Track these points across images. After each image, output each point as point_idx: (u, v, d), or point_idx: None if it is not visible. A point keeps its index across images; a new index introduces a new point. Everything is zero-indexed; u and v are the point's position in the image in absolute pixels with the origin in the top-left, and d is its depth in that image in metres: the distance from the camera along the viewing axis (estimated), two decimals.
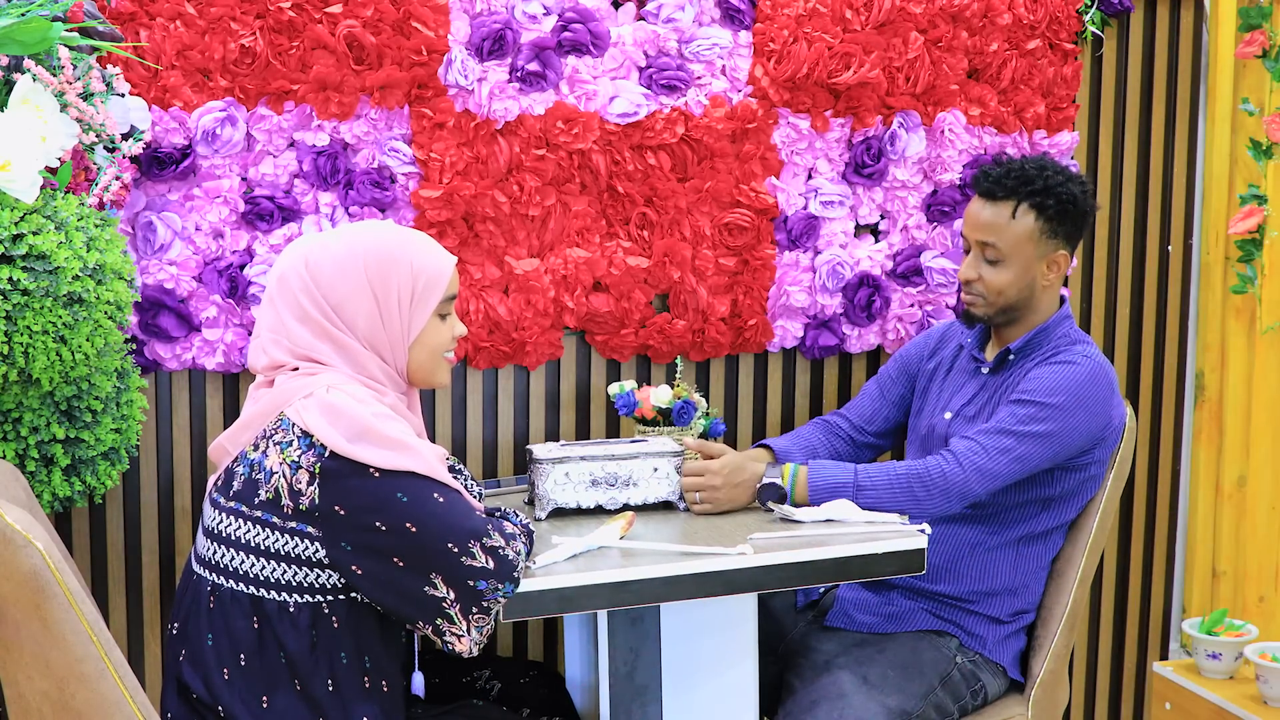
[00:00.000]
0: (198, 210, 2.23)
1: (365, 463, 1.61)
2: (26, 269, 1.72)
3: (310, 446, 1.63)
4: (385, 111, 2.28)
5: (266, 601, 1.65)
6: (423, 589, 1.64)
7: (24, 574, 1.42)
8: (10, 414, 1.89)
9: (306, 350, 1.71)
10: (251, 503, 1.65)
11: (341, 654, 1.67)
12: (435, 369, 1.81)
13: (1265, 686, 2.59)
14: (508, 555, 1.67)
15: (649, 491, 2.08)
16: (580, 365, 2.52)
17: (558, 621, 2.50)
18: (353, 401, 1.64)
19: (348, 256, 1.72)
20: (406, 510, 1.62)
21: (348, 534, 1.62)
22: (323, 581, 1.65)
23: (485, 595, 1.65)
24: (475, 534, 1.64)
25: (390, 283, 1.73)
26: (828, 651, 2.13)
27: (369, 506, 1.61)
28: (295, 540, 1.64)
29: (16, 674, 1.49)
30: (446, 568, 1.63)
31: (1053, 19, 2.64)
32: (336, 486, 1.61)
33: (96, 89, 1.94)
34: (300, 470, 1.62)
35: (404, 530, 1.62)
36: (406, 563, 1.63)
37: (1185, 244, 2.89)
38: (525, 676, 2.07)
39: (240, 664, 1.65)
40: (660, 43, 2.42)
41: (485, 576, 1.65)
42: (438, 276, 1.77)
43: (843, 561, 1.85)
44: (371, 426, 1.62)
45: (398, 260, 1.74)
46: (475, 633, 1.66)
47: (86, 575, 2.26)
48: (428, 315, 1.77)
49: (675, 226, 2.47)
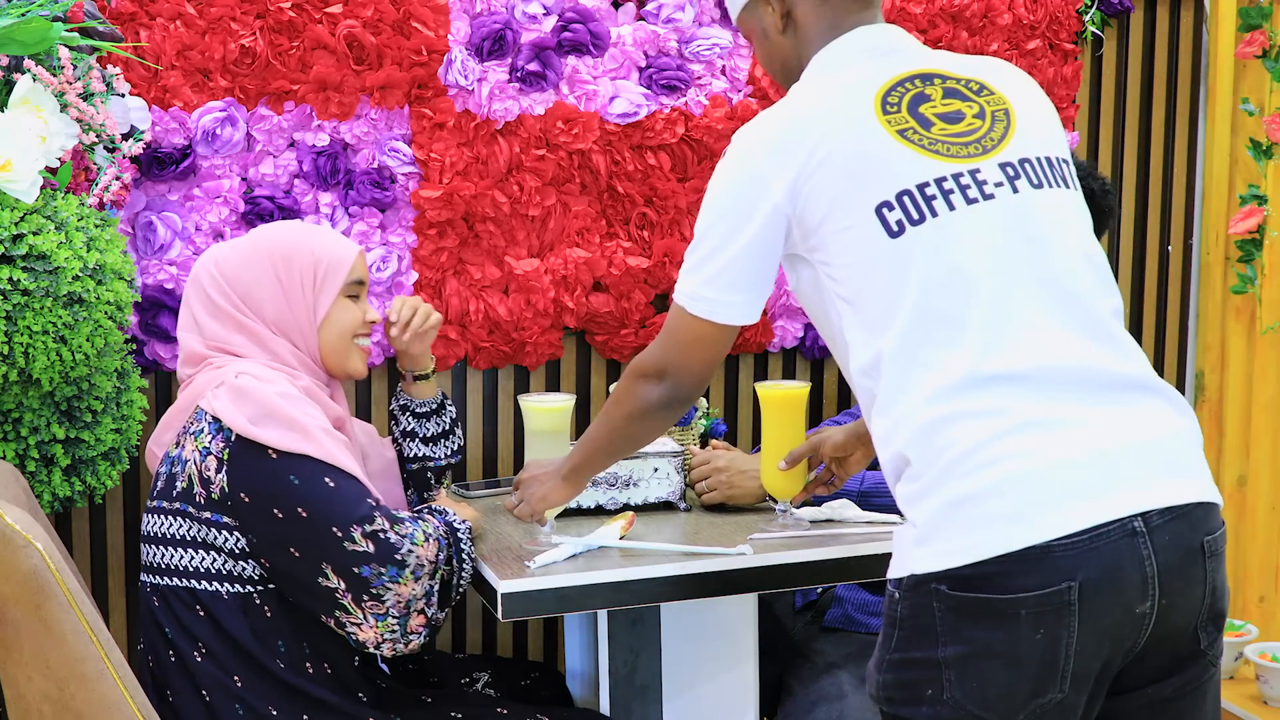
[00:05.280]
0: (198, 210, 2.23)
1: (264, 444, 1.63)
2: (26, 269, 1.72)
3: (219, 431, 1.66)
4: (385, 111, 2.28)
5: (202, 592, 1.67)
6: (317, 580, 1.63)
7: (24, 574, 1.42)
8: (10, 414, 1.89)
9: (221, 343, 1.78)
10: (170, 496, 1.70)
11: (279, 642, 1.68)
12: (348, 354, 1.86)
13: (1265, 686, 2.59)
14: (389, 539, 1.64)
15: (649, 491, 2.08)
16: (580, 365, 2.52)
17: (558, 621, 2.50)
18: (258, 383, 1.68)
19: (252, 250, 1.82)
20: (298, 494, 1.62)
21: (255, 523, 1.64)
22: (247, 572, 1.67)
23: (371, 582, 1.62)
24: (358, 519, 1.63)
25: (293, 266, 1.80)
26: (827, 652, 2.13)
27: (268, 493, 1.63)
28: (213, 531, 1.66)
29: (16, 674, 1.48)
30: (334, 556, 1.62)
31: (1053, 19, 2.64)
32: (240, 470, 1.64)
33: (96, 89, 1.94)
34: (209, 456, 1.65)
35: (297, 517, 1.62)
36: (301, 553, 1.63)
37: (1185, 244, 2.89)
38: (527, 678, 2.07)
39: (203, 651, 1.67)
40: (660, 43, 2.42)
41: (367, 561, 1.62)
42: (340, 259, 1.84)
43: (843, 561, 1.85)
44: (276, 406, 1.65)
45: (299, 247, 1.82)
46: (374, 620, 1.64)
47: (86, 575, 2.26)
48: (333, 296, 1.82)
49: (675, 227, 2.47)
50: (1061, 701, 1.29)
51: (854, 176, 1.39)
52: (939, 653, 1.30)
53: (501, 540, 1.93)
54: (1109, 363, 1.36)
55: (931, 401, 1.33)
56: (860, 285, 1.40)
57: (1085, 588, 1.26)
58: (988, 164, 1.40)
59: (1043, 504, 1.27)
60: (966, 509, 1.29)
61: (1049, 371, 1.33)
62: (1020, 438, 1.30)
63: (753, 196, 1.43)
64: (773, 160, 1.42)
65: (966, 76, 1.48)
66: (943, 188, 1.38)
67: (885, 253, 1.37)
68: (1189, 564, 1.31)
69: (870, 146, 1.40)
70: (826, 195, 1.40)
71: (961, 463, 1.30)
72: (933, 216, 1.37)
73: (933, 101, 1.44)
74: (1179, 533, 1.30)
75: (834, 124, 1.42)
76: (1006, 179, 1.40)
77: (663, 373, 1.54)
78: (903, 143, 1.40)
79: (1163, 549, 1.29)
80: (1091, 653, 1.29)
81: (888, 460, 1.39)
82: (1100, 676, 1.32)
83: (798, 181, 1.40)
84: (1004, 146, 1.42)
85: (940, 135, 1.41)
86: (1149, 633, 1.30)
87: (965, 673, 1.29)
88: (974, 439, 1.30)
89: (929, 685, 1.31)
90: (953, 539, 1.29)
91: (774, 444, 1.95)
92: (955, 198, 1.38)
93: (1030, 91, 1.52)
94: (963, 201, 1.38)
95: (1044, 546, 1.26)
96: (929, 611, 1.30)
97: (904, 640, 1.33)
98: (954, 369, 1.33)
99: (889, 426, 1.37)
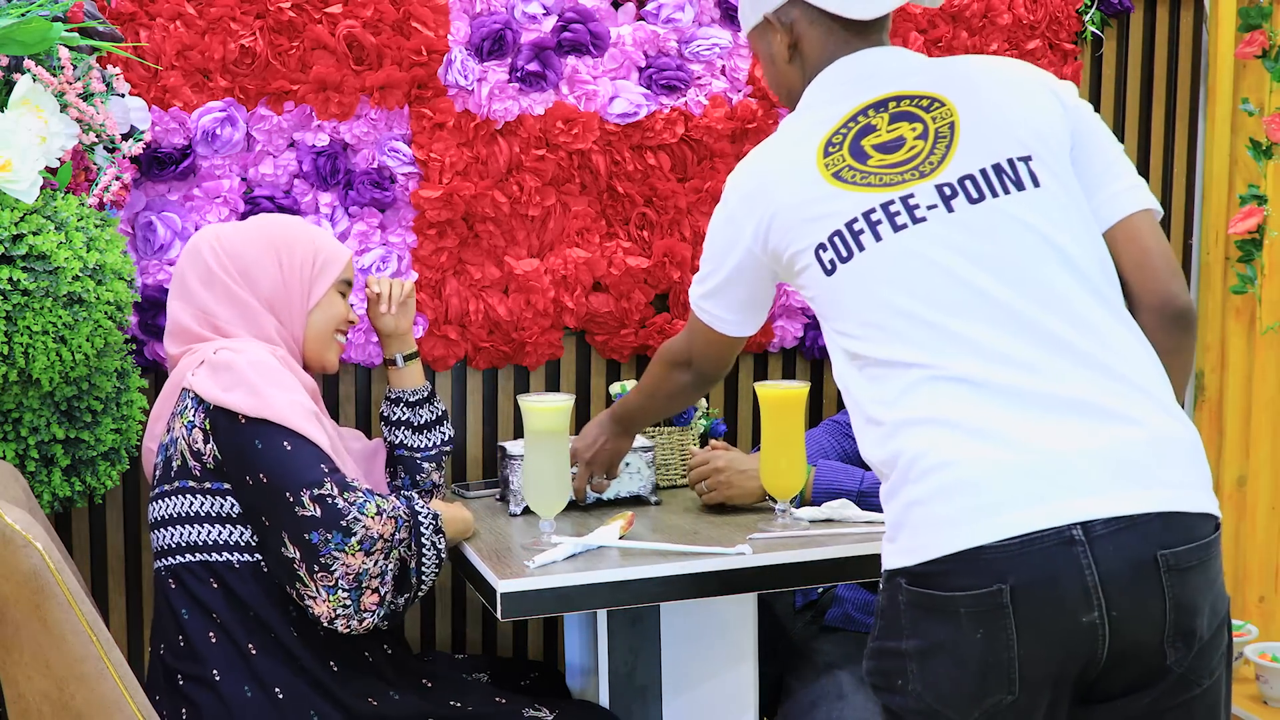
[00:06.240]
0: (198, 210, 2.23)
1: (234, 409, 1.67)
2: (26, 269, 1.73)
3: (199, 404, 1.71)
4: (385, 112, 2.28)
5: (215, 563, 1.70)
6: (280, 550, 1.65)
7: (24, 574, 1.42)
8: (10, 414, 1.89)
9: (207, 313, 1.84)
10: (169, 477, 1.74)
11: (289, 608, 1.71)
12: (328, 344, 1.95)
13: (1265, 686, 2.59)
14: (337, 505, 1.63)
15: (621, 486, 2.14)
16: (580, 365, 2.52)
17: (558, 621, 2.50)
18: (234, 354, 1.73)
19: (256, 231, 1.91)
20: (260, 459, 1.65)
21: (239, 492, 1.69)
22: (246, 540, 1.71)
23: (319, 550, 1.62)
24: (309, 484, 1.64)
25: (295, 251, 1.90)
26: (827, 652, 2.13)
27: (241, 459, 1.67)
28: (216, 500, 1.71)
29: (16, 674, 1.48)
30: (288, 522, 1.63)
31: (1053, 19, 2.64)
32: (221, 439, 1.69)
33: (96, 89, 1.94)
34: (195, 429, 1.70)
35: (260, 483, 1.65)
36: (270, 521, 1.65)
37: (1185, 244, 2.89)
38: (526, 678, 2.07)
39: (218, 623, 1.70)
40: (660, 43, 2.42)
41: (315, 527, 1.63)
42: (338, 255, 1.95)
43: (843, 561, 1.85)
44: (245, 375, 1.69)
45: (301, 236, 1.93)
46: (326, 593, 1.63)
47: (86, 575, 2.26)
48: (327, 286, 1.92)
49: (675, 226, 2.47)
50: (1014, 703, 1.32)
51: (799, 224, 1.49)
52: (903, 644, 1.37)
53: (501, 540, 1.93)
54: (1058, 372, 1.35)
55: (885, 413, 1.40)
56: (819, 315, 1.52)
57: (1017, 591, 1.29)
58: (922, 187, 1.43)
59: (978, 510, 1.31)
60: (916, 511, 1.36)
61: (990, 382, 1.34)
62: (964, 445, 1.33)
63: (731, 236, 1.60)
64: (743, 207, 1.57)
65: (924, 93, 1.50)
66: (870, 219, 1.43)
67: (825, 290, 1.47)
68: (1139, 577, 1.29)
69: (810, 193, 1.48)
70: (783, 241, 1.51)
71: (912, 468, 1.36)
72: (859, 251, 1.43)
73: (878, 132, 1.48)
74: (1126, 544, 1.29)
75: (782, 174, 1.53)
76: (941, 200, 1.42)
77: (688, 361, 1.84)
78: (836, 184, 1.46)
79: (1105, 559, 1.28)
80: (1040, 657, 1.31)
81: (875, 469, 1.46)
82: (1058, 683, 1.32)
83: (758, 229, 1.54)
84: (944, 167, 1.44)
85: (875, 167, 1.46)
86: (1107, 644, 1.30)
87: (923, 666, 1.35)
88: (921, 446, 1.35)
89: (899, 675, 1.38)
90: (908, 538, 1.36)
91: (774, 444, 1.95)
92: (882, 228, 1.43)
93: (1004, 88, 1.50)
94: (889, 230, 1.42)
95: (976, 550, 1.30)
96: (896, 604, 1.38)
97: (882, 629, 1.41)
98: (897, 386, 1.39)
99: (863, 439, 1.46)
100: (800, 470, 1.95)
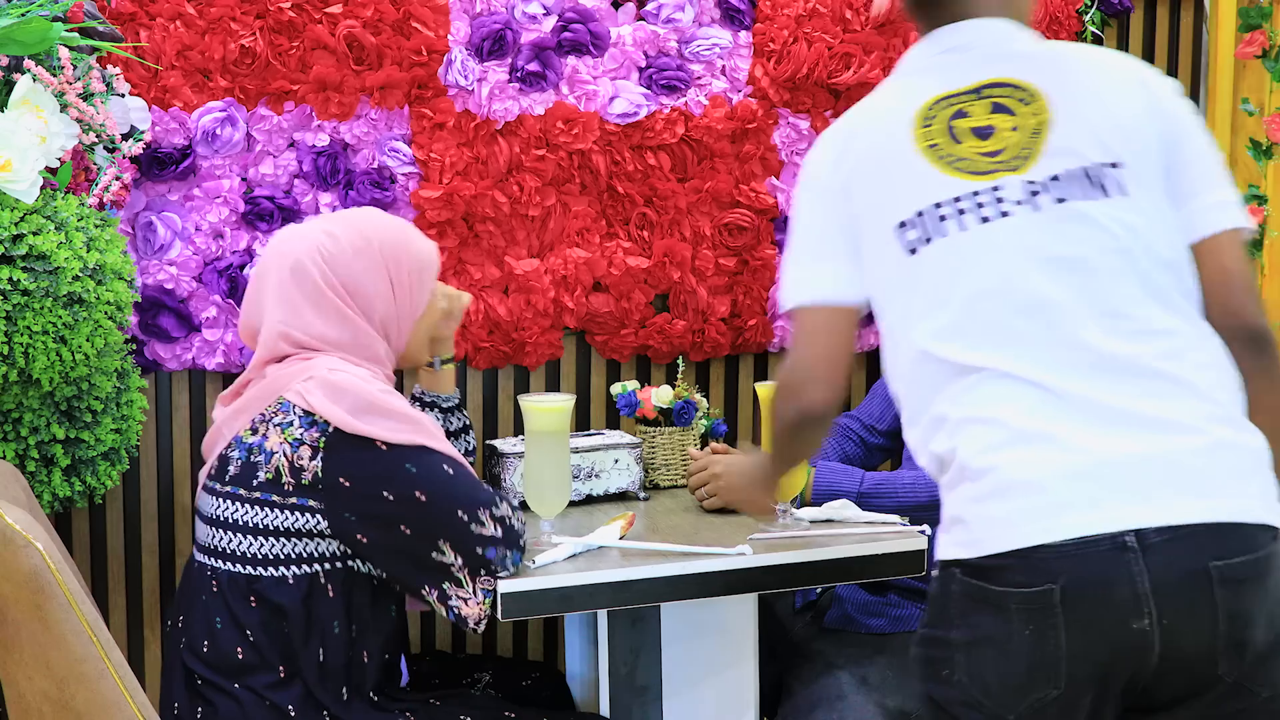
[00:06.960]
0: (198, 210, 2.23)
1: (372, 436, 1.67)
2: (26, 269, 1.73)
3: (312, 424, 1.68)
4: (385, 112, 2.28)
5: (264, 579, 1.69)
6: (430, 554, 1.69)
7: (24, 574, 1.42)
8: (10, 414, 1.89)
9: (311, 335, 1.76)
10: (250, 485, 1.70)
11: (334, 623, 1.71)
12: (426, 346, 1.96)
13: None
14: (514, 525, 1.74)
15: (610, 482, 2.16)
16: (580, 365, 2.52)
17: (558, 621, 2.50)
18: (356, 380, 1.70)
19: (361, 241, 1.80)
20: (416, 480, 1.67)
21: (352, 504, 1.67)
22: (321, 550, 1.70)
23: (493, 563, 1.70)
24: (485, 503, 1.71)
25: (401, 262, 1.83)
26: (827, 652, 2.13)
27: (376, 477, 1.67)
28: (295, 515, 1.68)
29: (16, 674, 1.49)
30: (456, 536, 1.68)
31: (1053, 19, 2.64)
32: (341, 459, 1.67)
33: (96, 89, 1.94)
34: (303, 446, 1.67)
35: (413, 499, 1.67)
36: (413, 530, 1.68)
37: None
38: (527, 679, 2.07)
39: (250, 640, 1.69)
40: (660, 43, 2.42)
41: (494, 544, 1.70)
42: (431, 254, 1.90)
43: (842, 562, 1.85)
44: (377, 401, 1.68)
45: (399, 242, 1.85)
46: (482, 596, 1.70)
47: (86, 575, 2.26)
48: (430, 289, 1.89)
49: (675, 227, 2.47)
50: (1058, 699, 1.33)
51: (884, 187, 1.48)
52: (952, 634, 1.38)
53: None
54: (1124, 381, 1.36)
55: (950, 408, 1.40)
56: (882, 298, 1.49)
57: (1068, 592, 1.30)
58: (1011, 181, 1.42)
59: (1037, 510, 1.32)
60: (974, 508, 1.37)
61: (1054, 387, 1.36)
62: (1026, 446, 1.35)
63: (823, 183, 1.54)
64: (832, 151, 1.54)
65: (1020, 83, 1.47)
66: (958, 206, 1.43)
67: (902, 270, 1.45)
68: (1190, 587, 1.29)
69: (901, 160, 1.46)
70: (865, 200, 1.49)
71: (973, 464, 1.37)
72: (941, 237, 1.42)
73: (971, 117, 1.47)
74: (1178, 554, 1.30)
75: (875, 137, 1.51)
76: (1028, 196, 1.41)
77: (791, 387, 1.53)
78: (929, 157, 1.45)
79: (1157, 568, 1.29)
80: (1087, 657, 1.31)
81: (926, 464, 1.46)
82: (1102, 682, 1.33)
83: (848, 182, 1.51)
84: (1033, 163, 1.43)
85: (967, 152, 1.45)
86: (1159, 652, 1.31)
87: (970, 657, 1.36)
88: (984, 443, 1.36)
89: (944, 665, 1.39)
90: (965, 532, 1.37)
91: None
92: (968, 217, 1.42)
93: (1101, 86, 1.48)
94: (975, 220, 1.42)
95: (1032, 549, 1.31)
96: (949, 593, 1.39)
97: (932, 618, 1.42)
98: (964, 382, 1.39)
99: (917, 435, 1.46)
100: (800, 471, 1.95)
